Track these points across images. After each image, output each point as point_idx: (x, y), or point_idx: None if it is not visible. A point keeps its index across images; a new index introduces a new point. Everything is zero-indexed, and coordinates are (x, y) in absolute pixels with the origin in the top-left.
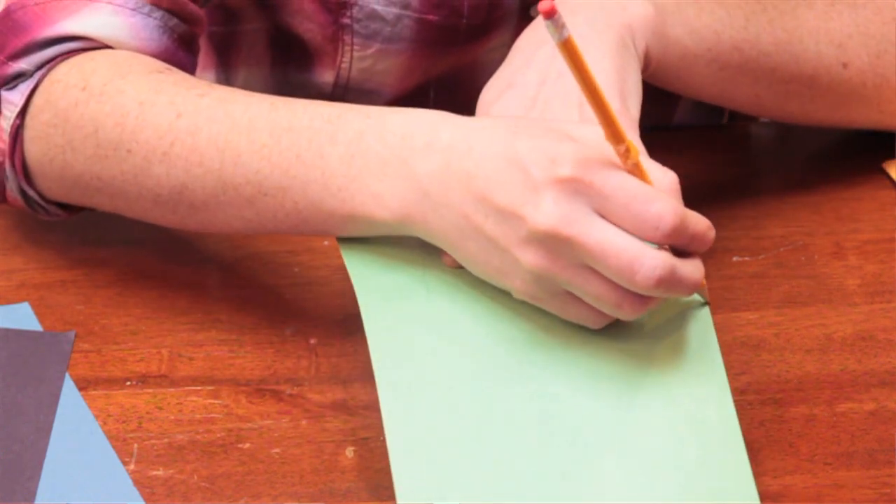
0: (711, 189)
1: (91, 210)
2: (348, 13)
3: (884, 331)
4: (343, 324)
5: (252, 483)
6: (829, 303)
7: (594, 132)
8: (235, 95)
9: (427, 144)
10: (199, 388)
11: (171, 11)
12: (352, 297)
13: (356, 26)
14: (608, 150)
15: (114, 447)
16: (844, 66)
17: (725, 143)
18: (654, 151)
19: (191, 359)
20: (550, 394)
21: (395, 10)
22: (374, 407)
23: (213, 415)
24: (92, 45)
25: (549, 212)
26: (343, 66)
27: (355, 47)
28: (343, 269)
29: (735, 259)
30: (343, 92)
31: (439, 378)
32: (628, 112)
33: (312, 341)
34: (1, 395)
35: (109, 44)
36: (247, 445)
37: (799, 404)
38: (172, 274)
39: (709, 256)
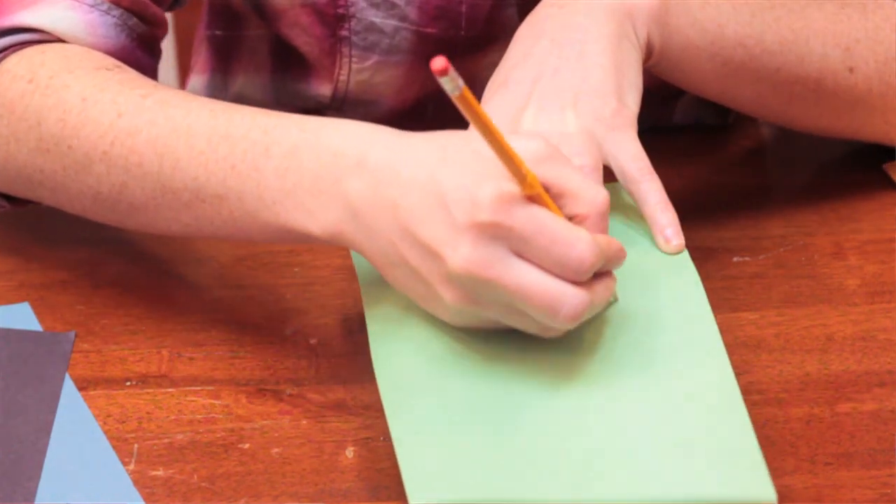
0: (711, 189)
1: (37, 204)
2: (346, 25)
3: (884, 331)
4: (343, 324)
5: (252, 483)
6: (830, 303)
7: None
8: (178, 98)
9: (358, 164)
10: (199, 388)
11: (130, 11)
12: (352, 297)
13: (354, 38)
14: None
15: (114, 447)
16: (850, 70)
17: (725, 143)
18: (655, 152)
19: (191, 359)
20: (552, 382)
21: (393, 23)
22: (374, 407)
23: (213, 415)
24: (46, 38)
25: (467, 255)
26: (341, 78)
27: (353, 59)
28: (343, 269)
29: (735, 259)
30: (341, 104)
31: (439, 373)
32: (626, 108)
33: (312, 341)
34: (1, 394)
35: (64, 38)
36: (247, 445)
37: (799, 404)
38: (172, 274)
39: (709, 256)
